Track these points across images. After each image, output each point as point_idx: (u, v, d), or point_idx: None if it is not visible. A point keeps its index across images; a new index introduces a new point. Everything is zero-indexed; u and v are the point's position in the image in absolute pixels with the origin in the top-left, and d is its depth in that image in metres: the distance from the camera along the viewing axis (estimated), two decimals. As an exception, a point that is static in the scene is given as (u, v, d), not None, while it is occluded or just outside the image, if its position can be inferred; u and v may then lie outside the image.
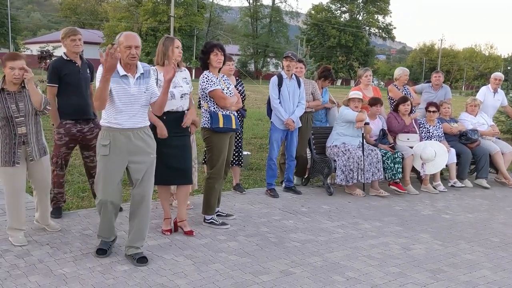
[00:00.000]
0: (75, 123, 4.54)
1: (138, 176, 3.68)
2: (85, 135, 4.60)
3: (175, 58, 4.22)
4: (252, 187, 6.33)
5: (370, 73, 7.05)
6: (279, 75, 5.94)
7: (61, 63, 4.53)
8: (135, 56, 3.53)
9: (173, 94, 4.16)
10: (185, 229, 4.41)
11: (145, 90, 3.64)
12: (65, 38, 4.53)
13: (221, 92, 4.50)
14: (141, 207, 3.74)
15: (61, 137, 4.53)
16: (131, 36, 3.55)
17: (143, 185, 3.71)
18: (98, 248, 3.82)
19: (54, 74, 4.50)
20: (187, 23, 51.26)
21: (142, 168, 3.67)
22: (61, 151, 4.56)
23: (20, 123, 3.82)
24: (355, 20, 72.63)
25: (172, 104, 4.18)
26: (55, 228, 4.28)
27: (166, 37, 4.29)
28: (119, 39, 3.55)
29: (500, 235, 4.92)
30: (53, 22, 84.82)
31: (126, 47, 3.50)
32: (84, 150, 4.73)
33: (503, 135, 12.29)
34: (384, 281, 3.64)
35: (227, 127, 4.52)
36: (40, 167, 4.03)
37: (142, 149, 3.66)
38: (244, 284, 3.45)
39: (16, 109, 3.78)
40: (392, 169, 6.28)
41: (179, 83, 4.25)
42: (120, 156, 3.60)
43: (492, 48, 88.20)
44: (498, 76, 7.97)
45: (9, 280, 3.31)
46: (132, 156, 3.63)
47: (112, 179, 3.62)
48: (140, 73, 3.62)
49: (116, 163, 3.60)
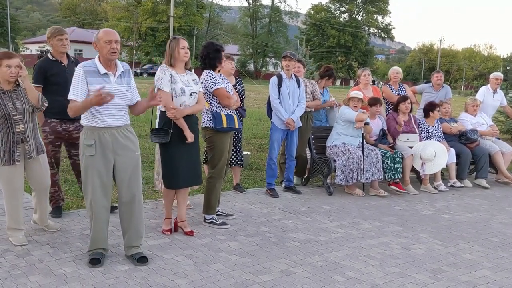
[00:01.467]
0: (60, 121, 4.52)
1: (124, 176, 3.62)
2: (71, 133, 4.58)
3: (181, 59, 4.19)
4: (252, 187, 6.33)
5: (368, 73, 7.06)
6: (279, 75, 5.94)
7: (47, 64, 4.51)
8: (116, 51, 3.51)
9: (183, 91, 4.14)
10: (185, 230, 4.41)
11: (127, 89, 3.62)
12: (51, 37, 4.50)
13: (225, 90, 4.51)
14: (134, 207, 3.70)
15: (46, 135, 4.53)
16: (110, 31, 3.56)
17: (131, 185, 3.66)
18: (91, 258, 3.63)
19: (40, 74, 4.48)
20: (186, 23, 51.32)
21: (128, 167, 3.63)
22: (49, 149, 4.54)
23: (18, 120, 3.80)
24: (354, 20, 72.72)
25: (181, 100, 4.16)
26: (55, 228, 4.28)
27: (172, 38, 4.24)
28: (98, 35, 3.53)
29: (500, 235, 4.92)
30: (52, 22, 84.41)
31: (106, 41, 3.48)
32: (72, 148, 4.69)
33: (503, 135, 12.30)
34: (384, 281, 3.64)
35: (230, 126, 4.53)
36: (38, 166, 4.00)
37: (127, 147, 3.62)
38: (244, 284, 3.45)
39: (13, 107, 3.77)
40: (392, 169, 6.28)
41: (189, 83, 4.24)
42: (107, 155, 3.55)
43: (491, 48, 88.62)
44: (499, 76, 7.97)
45: (9, 280, 3.31)
46: (117, 154, 3.59)
47: (102, 178, 3.55)
48: (120, 71, 3.60)
49: (103, 163, 3.54)
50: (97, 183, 3.55)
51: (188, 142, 4.18)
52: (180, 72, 4.21)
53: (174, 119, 4.12)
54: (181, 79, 4.19)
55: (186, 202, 4.54)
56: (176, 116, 4.11)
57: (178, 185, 4.30)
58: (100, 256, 3.66)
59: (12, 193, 3.89)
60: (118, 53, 3.56)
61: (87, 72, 3.49)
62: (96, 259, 3.62)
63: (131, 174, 3.65)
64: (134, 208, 3.70)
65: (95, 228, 3.63)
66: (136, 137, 3.77)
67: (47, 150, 4.54)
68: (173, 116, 4.10)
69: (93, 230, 3.65)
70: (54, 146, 4.58)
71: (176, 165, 4.21)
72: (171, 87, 4.12)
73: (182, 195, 4.44)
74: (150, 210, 4.99)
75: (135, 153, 3.69)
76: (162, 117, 4.23)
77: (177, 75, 4.17)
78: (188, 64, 4.33)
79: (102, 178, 3.56)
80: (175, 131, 4.15)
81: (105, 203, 3.63)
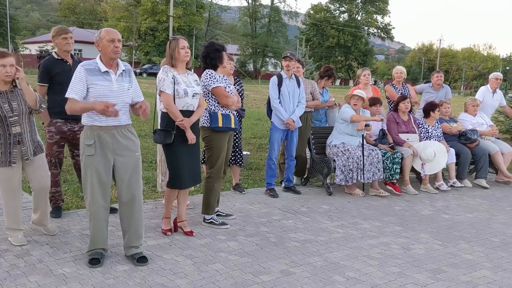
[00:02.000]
0: (65, 121, 4.51)
1: (124, 176, 3.62)
2: (75, 133, 4.57)
3: (182, 59, 4.17)
4: (252, 187, 6.32)
5: (368, 73, 7.06)
6: (279, 75, 5.94)
7: (52, 63, 4.50)
8: (119, 50, 3.52)
9: (186, 92, 4.13)
10: (185, 229, 4.41)
11: (128, 88, 3.61)
12: (56, 36, 4.50)
13: (224, 89, 4.50)
14: (134, 207, 3.69)
15: (52, 136, 4.52)
16: (112, 30, 3.58)
17: (131, 185, 3.66)
18: (91, 258, 3.62)
19: (45, 73, 4.47)
20: (186, 22, 51.30)
21: (128, 167, 3.63)
22: (53, 149, 4.54)
23: (14, 122, 3.74)
24: (354, 20, 72.71)
25: (185, 102, 4.15)
26: (52, 231, 4.18)
27: (172, 38, 4.21)
28: (100, 35, 3.54)
29: (500, 235, 4.92)
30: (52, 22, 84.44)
31: (109, 40, 3.49)
32: (75, 148, 4.69)
33: (502, 135, 12.30)
34: (384, 281, 3.64)
35: (226, 126, 4.52)
36: (36, 166, 3.94)
37: (127, 147, 3.62)
38: (244, 284, 3.45)
39: (9, 109, 3.71)
40: (390, 169, 6.28)
41: (191, 84, 4.23)
42: (106, 155, 3.54)
43: (490, 48, 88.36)
44: (499, 76, 7.97)
45: (8, 280, 3.30)
46: (117, 155, 3.58)
47: (101, 178, 3.55)
48: (121, 70, 3.60)
49: (103, 162, 3.54)
50: (96, 182, 3.54)
51: (190, 143, 4.18)
52: (181, 73, 4.20)
53: (184, 129, 4.12)
54: (183, 79, 4.18)
55: (186, 202, 4.54)
56: (186, 126, 4.11)
57: (182, 185, 4.30)
58: (99, 256, 3.65)
59: (10, 193, 3.86)
60: (120, 52, 3.57)
61: (88, 71, 3.48)
62: (96, 259, 3.61)
63: (131, 174, 3.65)
64: (134, 208, 3.69)
65: (94, 227, 3.62)
66: (137, 138, 3.76)
67: (51, 151, 4.54)
68: (184, 127, 4.10)
69: (92, 230, 3.64)
70: (59, 146, 4.58)
71: (180, 165, 4.21)
72: (174, 88, 4.11)
73: (182, 195, 4.44)
74: (150, 210, 4.98)
75: (136, 153, 3.68)
76: (164, 118, 4.22)
77: (179, 76, 4.16)
78: (189, 64, 4.32)
79: (101, 178, 3.55)
80: (178, 132, 4.15)
81: (104, 203, 3.62)
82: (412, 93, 7.44)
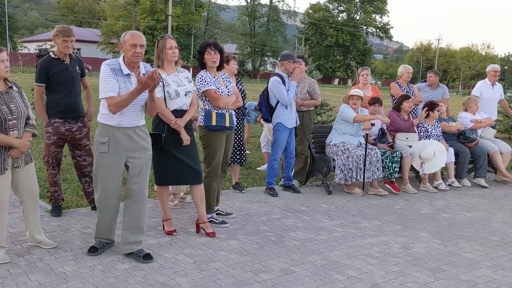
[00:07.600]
0: (63, 121, 4.50)
1: (135, 170, 3.69)
2: (74, 134, 4.56)
3: (169, 60, 4.11)
4: (251, 186, 6.33)
5: (366, 72, 7.05)
6: (279, 75, 5.90)
7: (49, 62, 4.48)
8: (140, 55, 3.54)
9: (177, 93, 4.11)
10: (207, 231, 4.37)
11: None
12: (57, 36, 4.46)
13: (214, 92, 4.44)
14: (139, 198, 3.74)
15: (49, 136, 4.50)
16: (136, 34, 3.57)
17: (140, 177, 3.71)
18: (90, 246, 3.80)
19: (43, 73, 4.45)
20: (184, 22, 51.18)
21: (140, 163, 3.69)
22: (51, 150, 4.53)
23: (13, 126, 3.47)
24: (352, 19, 72.78)
25: (178, 102, 4.14)
26: (50, 244, 3.85)
27: (160, 37, 4.15)
28: (125, 38, 3.56)
29: (499, 234, 4.93)
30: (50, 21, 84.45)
31: (132, 45, 3.51)
32: (75, 149, 4.67)
33: (501, 134, 12.32)
34: (385, 279, 3.65)
35: (220, 125, 4.48)
36: (26, 175, 3.65)
37: (140, 146, 3.68)
38: (244, 283, 3.45)
39: (9, 111, 3.45)
40: (389, 168, 6.28)
41: (182, 82, 4.21)
42: (119, 153, 3.60)
43: (488, 47, 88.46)
44: (497, 68, 7.95)
45: (9, 279, 3.30)
46: (131, 153, 3.64)
47: (112, 175, 3.62)
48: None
49: (115, 160, 3.60)
50: (107, 179, 3.62)
51: (185, 144, 4.16)
52: (170, 72, 4.15)
53: (178, 129, 4.11)
54: (173, 79, 4.14)
55: (204, 202, 4.42)
56: (181, 126, 4.11)
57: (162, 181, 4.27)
58: (100, 246, 3.78)
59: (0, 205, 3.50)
60: (142, 57, 3.58)
61: (113, 70, 3.52)
62: (94, 248, 3.76)
63: (140, 170, 3.70)
64: (139, 200, 3.75)
65: (100, 219, 3.79)
66: (149, 136, 3.81)
67: (49, 151, 4.52)
68: (178, 127, 4.10)
69: (98, 220, 3.80)
70: (57, 147, 4.56)
71: (169, 164, 4.17)
72: (164, 91, 4.08)
73: (198, 196, 4.36)
74: (149, 209, 4.98)
75: (148, 152, 3.75)
76: (154, 120, 4.20)
77: (168, 77, 4.12)
78: (178, 63, 4.27)
79: (112, 175, 3.62)
80: (169, 134, 4.12)
81: (113, 200, 3.71)
82: (416, 93, 7.44)
